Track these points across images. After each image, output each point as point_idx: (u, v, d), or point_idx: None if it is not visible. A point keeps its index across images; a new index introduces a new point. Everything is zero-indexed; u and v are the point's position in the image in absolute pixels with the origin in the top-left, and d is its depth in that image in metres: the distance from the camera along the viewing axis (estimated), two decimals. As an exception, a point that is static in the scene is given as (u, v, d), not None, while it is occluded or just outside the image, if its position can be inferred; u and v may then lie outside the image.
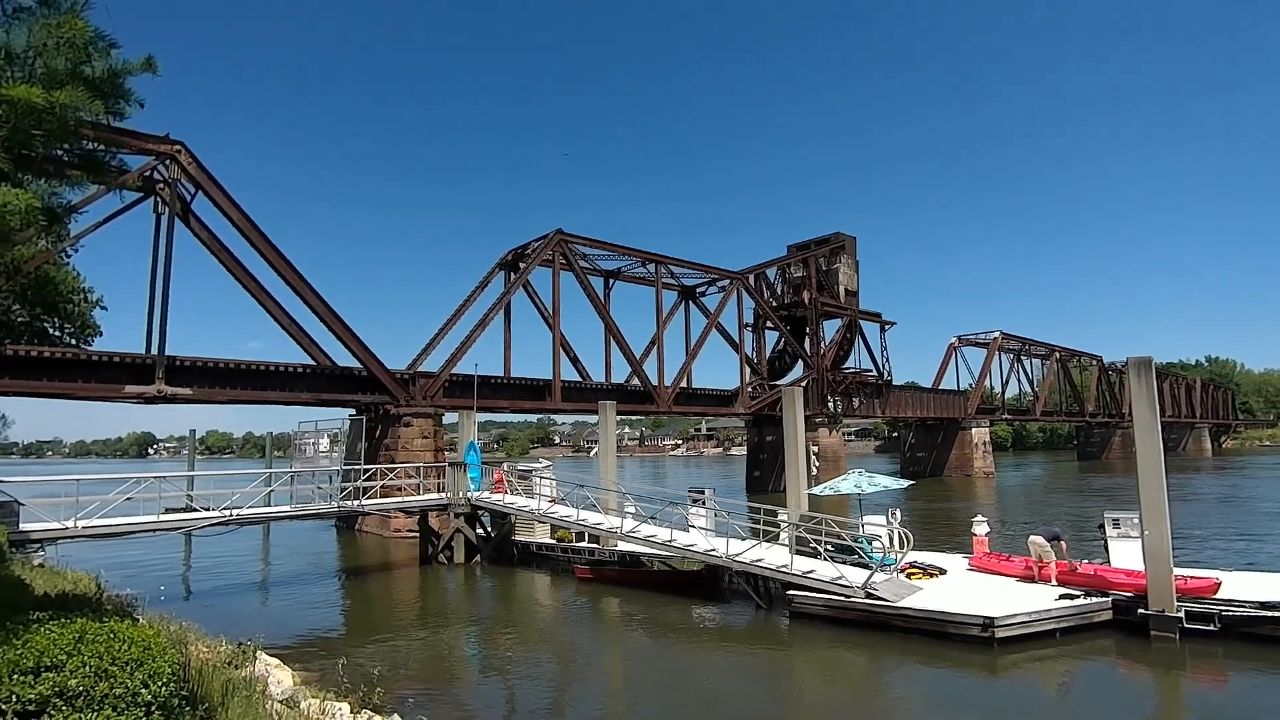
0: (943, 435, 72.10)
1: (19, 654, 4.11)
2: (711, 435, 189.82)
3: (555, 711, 11.91)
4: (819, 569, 16.27)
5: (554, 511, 23.21)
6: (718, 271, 54.17)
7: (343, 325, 34.15)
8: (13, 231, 4.88)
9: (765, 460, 56.72)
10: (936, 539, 25.70)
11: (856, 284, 63.17)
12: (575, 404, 45.05)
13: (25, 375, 27.78)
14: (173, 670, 4.41)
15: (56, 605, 5.80)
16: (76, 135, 6.01)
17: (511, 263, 44.91)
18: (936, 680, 12.47)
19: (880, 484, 18.77)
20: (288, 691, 8.21)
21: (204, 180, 30.98)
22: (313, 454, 37.77)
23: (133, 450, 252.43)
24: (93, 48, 5.55)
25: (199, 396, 31.44)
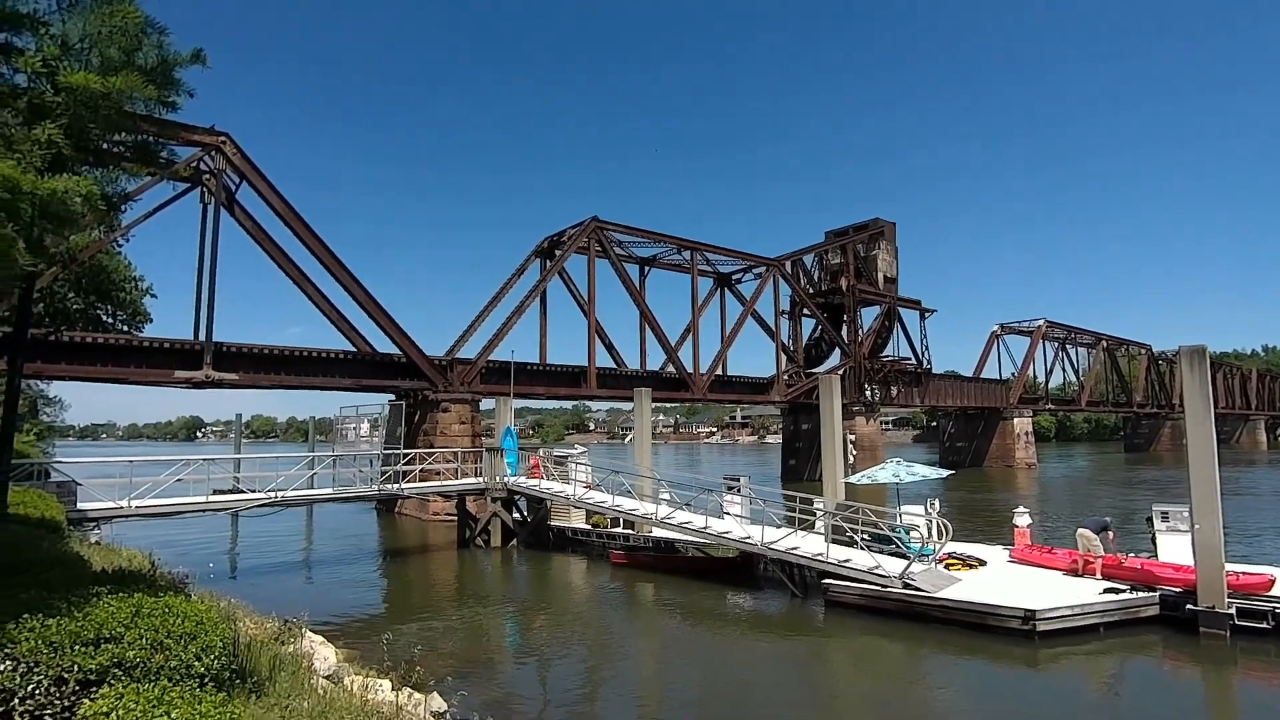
0: (983, 425, 70.79)
1: (80, 626, 4.29)
2: (746, 423, 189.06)
3: (590, 695, 12.04)
4: (855, 558, 16.14)
5: (589, 497, 23.37)
6: (754, 258, 53.74)
7: (382, 312, 34.69)
8: (75, 216, 5.03)
9: (801, 449, 56.32)
10: (976, 530, 25.30)
11: (896, 271, 62.15)
12: (610, 390, 45.20)
13: (81, 360, 28.82)
14: (224, 644, 4.56)
15: (113, 581, 6.03)
16: (130, 125, 6.17)
17: (547, 250, 45.09)
18: (975, 672, 12.30)
19: (919, 473, 18.52)
20: (331, 668, 8.43)
21: (248, 170, 31.64)
22: (354, 438, 38.66)
23: (182, 433, 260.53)
24: (144, 35, 5.69)
25: (244, 381, 32.28)
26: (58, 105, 5.48)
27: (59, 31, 5.60)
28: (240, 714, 3.63)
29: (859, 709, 11.13)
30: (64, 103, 5.44)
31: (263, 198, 32.23)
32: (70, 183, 4.89)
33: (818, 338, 60.90)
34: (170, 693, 3.65)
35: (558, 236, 44.94)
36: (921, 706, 11.04)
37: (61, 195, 4.95)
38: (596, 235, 44.05)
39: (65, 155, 5.23)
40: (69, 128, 5.23)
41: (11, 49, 5.76)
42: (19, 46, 5.75)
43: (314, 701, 6.15)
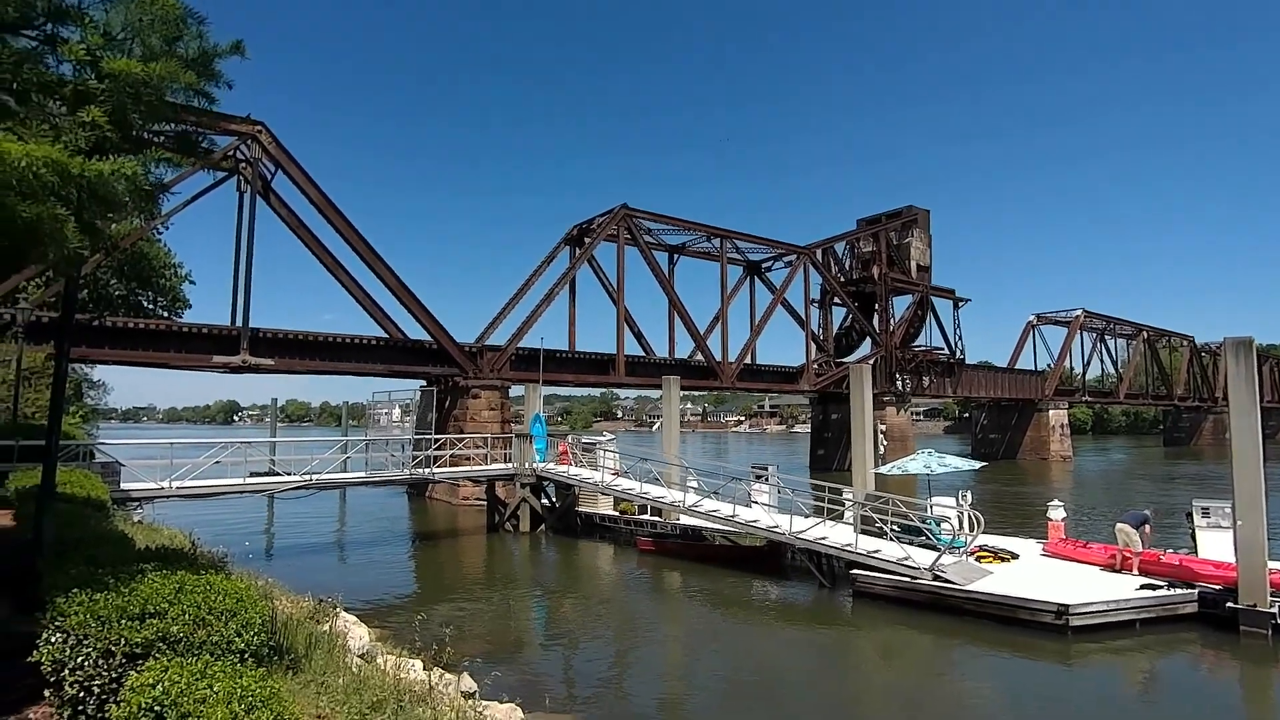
0: (1017, 417, 69.57)
1: (126, 601, 4.44)
2: (775, 412, 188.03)
3: (616, 679, 12.14)
4: (885, 549, 16.01)
5: (617, 484, 23.47)
6: (784, 246, 53.25)
7: (414, 299, 35.07)
8: (119, 200, 5.15)
9: (830, 438, 55.91)
10: (1009, 523, 24.93)
11: (929, 259, 61.16)
12: (638, 379, 45.27)
13: (123, 345, 29.60)
14: (263, 622, 4.68)
15: (157, 558, 6.20)
16: (171, 114, 6.29)
17: (577, 238, 45.15)
18: (1005, 666, 12.17)
19: (950, 465, 18.28)
20: (365, 647, 8.61)
21: (283, 159, 32.10)
22: (386, 423, 39.20)
23: (219, 417, 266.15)
24: (184, 25, 5.79)
25: (280, 367, 32.90)
26: (101, 92, 5.59)
27: (102, 21, 5.72)
28: (279, 689, 3.72)
29: (887, 699, 11.09)
30: (107, 89, 5.55)
31: (297, 186, 32.70)
32: (115, 164, 5.00)
33: (848, 327, 60.25)
34: (212, 667, 3.76)
35: (587, 224, 44.95)
36: (951, 698, 10.96)
37: (107, 177, 5.05)
38: (626, 223, 43.98)
39: (109, 140, 5.34)
40: (111, 113, 5.35)
41: (57, 39, 5.88)
42: (64, 37, 5.87)
43: (349, 679, 6.29)
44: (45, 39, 5.87)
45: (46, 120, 5.37)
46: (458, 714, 6.29)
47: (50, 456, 7.08)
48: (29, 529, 7.53)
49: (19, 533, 9.69)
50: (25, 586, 6.44)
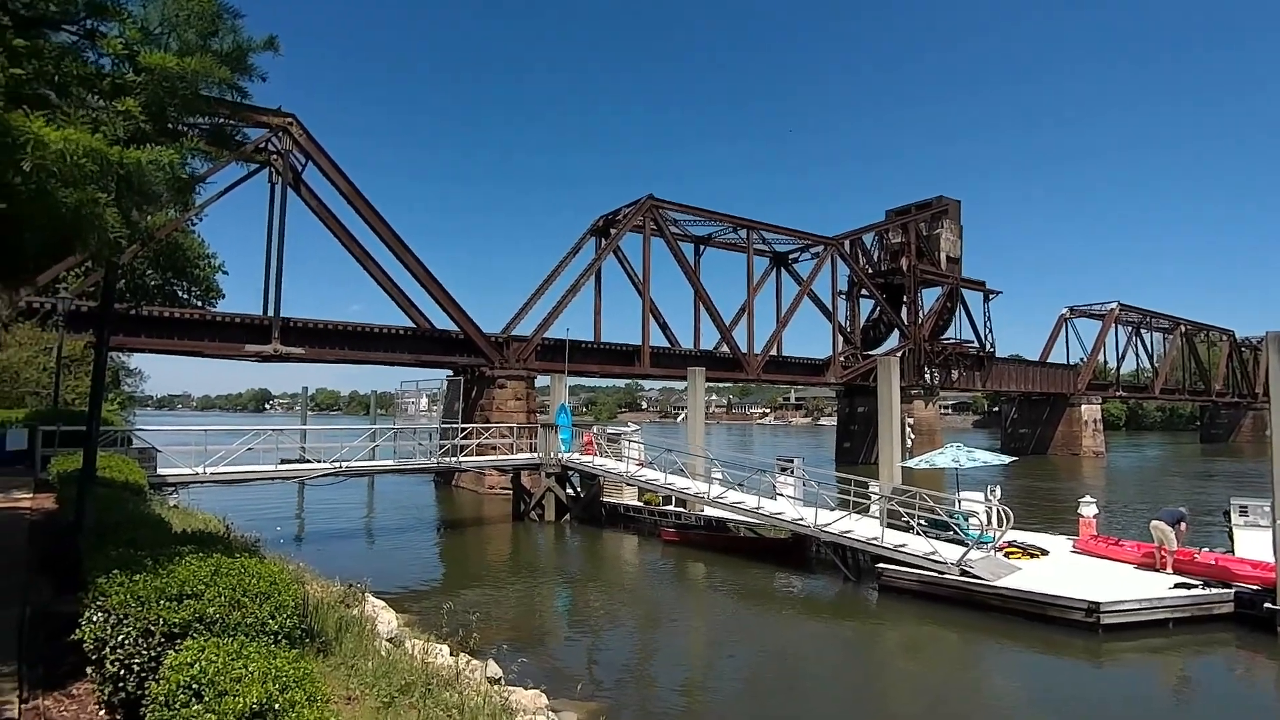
0: (1049, 411, 68.41)
1: (164, 582, 4.57)
2: (800, 405, 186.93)
3: (639, 668, 12.21)
4: (911, 543, 15.88)
5: (642, 475, 23.53)
6: (811, 237, 52.79)
7: (441, 290, 35.38)
8: (156, 190, 5.26)
9: (856, 431, 55.46)
10: (1038, 519, 24.58)
11: (959, 251, 60.21)
12: (664, 369, 45.26)
13: (159, 334, 30.26)
14: (295, 604, 4.79)
15: (193, 541, 6.36)
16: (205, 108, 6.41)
17: (603, 229, 45.15)
18: (1034, 663, 12.03)
19: (980, 459, 18.06)
20: (393, 631, 8.77)
21: (313, 151, 32.50)
22: (413, 412, 39.65)
23: (251, 405, 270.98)
24: (219, 20, 5.89)
25: (310, 356, 33.42)
26: (137, 85, 5.70)
27: (140, 16, 5.83)
28: (312, 669, 3.81)
29: (912, 694, 11.02)
30: (143, 83, 5.66)
31: (327, 177, 33.09)
32: (153, 154, 5.11)
33: (876, 319, 59.62)
34: (248, 647, 3.85)
35: (613, 215, 44.93)
36: (978, 694, 10.87)
37: (144, 166, 5.16)
38: (652, 214, 43.89)
39: (144, 131, 5.45)
40: (147, 106, 5.46)
41: (96, 34, 6.00)
42: (103, 31, 5.99)
43: (377, 662, 6.41)
44: (85, 34, 6.00)
45: (85, 112, 5.48)
46: (484, 699, 6.37)
47: (90, 442, 7.28)
48: (71, 511, 7.76)
49: (61, 515, 9.99)
50: (68, 567, 6.64)
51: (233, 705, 3.19)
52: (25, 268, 6.27)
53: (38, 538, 9.33)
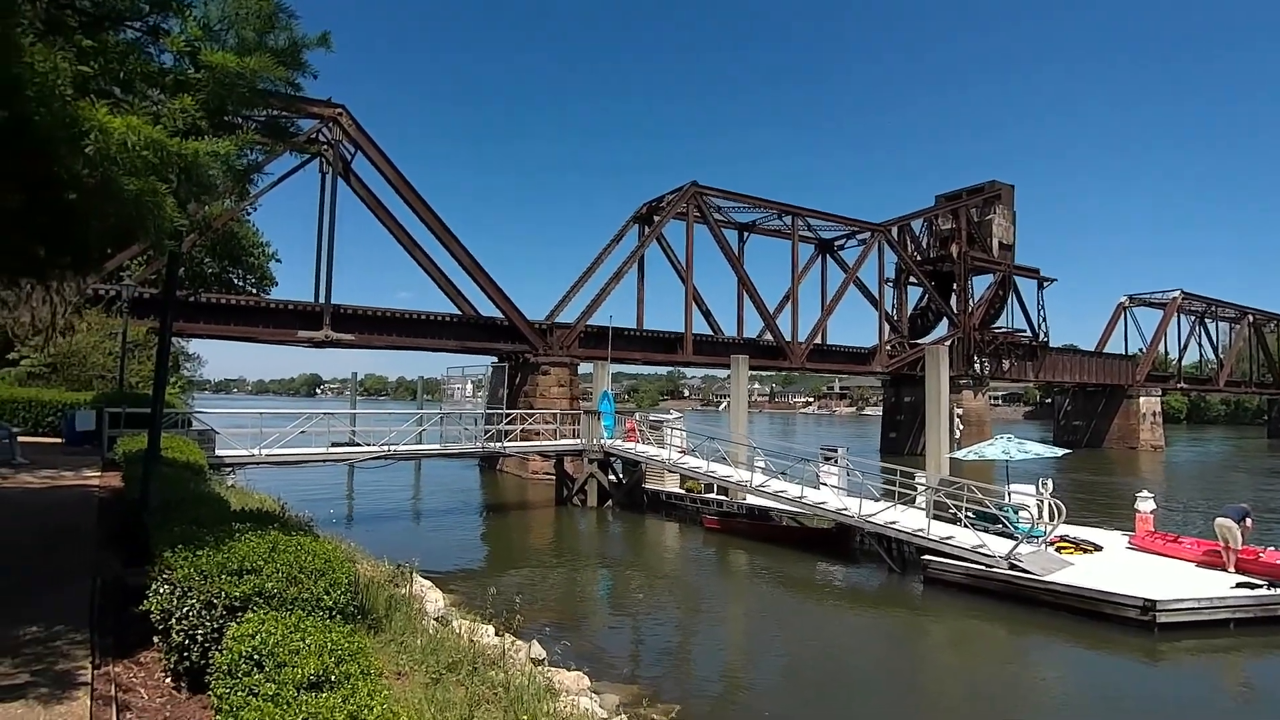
0: (1104, 403, 66.23)
1: (226, 558, 4.77)
2: (845, 394, 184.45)
3: (680, 654, 12.29)
4: (958, 535, 15.61)
5: (684, 462, 23.55)
6: (858, 224, 51.88)
7: (487, 277, 35.82)
8: (213, 181, 5.44)
9: (903, 421, 54.54)
10: (1092, 514, 23.92)
11: (1012, 237, 58.48)
12: (706, 357, 45.14)
13: (216, 320, 31.30)
14: (348, 582, 4.96)
15: (251, 519, 6.61)
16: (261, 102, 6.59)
17: (646, 216, 45.09)
18: (1085, 660, 11.74)
19: (1031, 451, 17.61)
20: (440, 611, 8.98)
21: (363, 141, 33.10)
22: (459, 398, 40.26)
23: (302, 390, 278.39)
24: (276, 18, 6.05)
25: (360, 342, 34.23)
26: (198, 82, 5.88)
27: (201, 14, 6.01)
28: (365, 644, 3.94)
29: (958, 687, 10.87)
30: (203, 79, 5.84)
31: (376, 167, 33.70)
32: (210, 145, 5.28)
33: (924, 307, 58.39)
34: (305, 621, 4.00)
35: (656, 202, 44.81)
36: (1026, 690, 10.67)
37: (202, 157, 5.33)
38: (695, 200, 43.65)
39: (201, 126, 5.64)
40: (206, 102, 5.64)
41: (159, 30, 6.19)
42: (166, 29, 6.18)
43: (425, 640, 6.59)
44: (149, 30, 6.21)
45: (148, 106, 5.68)
46: (528, 679, 6.50)
47: (155, 423, 7.60)
48: (136, 489, 8.11)
49: (127, 493, 10.45)
50: (135, 542, 6.96)
51: (292, 675, 3.32)
52: (92, 256, 6.53)
53: (106, 514, 9.79)
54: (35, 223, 5.31)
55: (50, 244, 5.89)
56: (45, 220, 5.27)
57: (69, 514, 9.94)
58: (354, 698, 3.11)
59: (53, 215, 5.23)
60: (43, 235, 5.63)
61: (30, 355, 23.57)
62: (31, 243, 5.81)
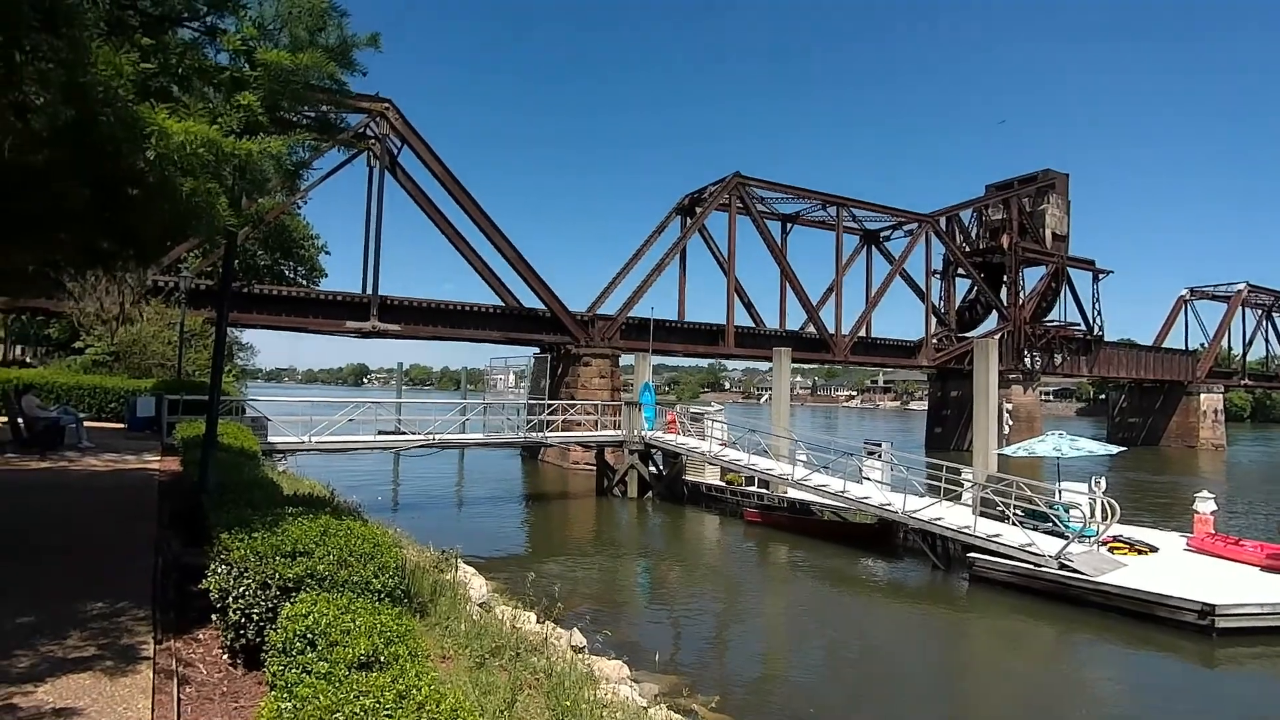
0: (1162, 400, 63.95)
1: (279, 540, 4.93)
2: (889, 388, 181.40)
3: (719, 646, 12.31)
4: (1006, 533, 15.28)
5: (725, 454, 23.49)
6: (905, 214, 50.87)
7: (530, 269, 36.14)
8: (266, 178, 5.61)
9: (949, 416, 53.48)
10: (1148, 514, 23.16)
11: (1066, 227, 56.68)
12: (748, 350, 44.89)
13: (268, 310, 32.22)
14: (396, 566, 5.08)
15: (302, 504, 6.83)
16: (312, 99, 6.76)
17: (688, 207, 44.92)
18: (1138, 665, 11.42)
19: (1084, 449, 17.13)
20: (483, 597, 9.14)
21: (409, 135, 33.63)
22: (502, 388, 40.78)
23: (350, 379, 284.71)
24: (327, 17, 6.20)
25: (406, 332, 34.88)
26: (254, 80, 6.05)
27: (256, 14, 6.18)
28: (413, 627, 4.04)
29: (1005, 687, 10.67)
30: (259, 77, 6.01)
31: (421, 160, 34.21)
32: (263, 144, 5.43)
33: (973, 299, 57.02)
34: (355, 603, 4.12)
35: (699, 193, 44.60)
36: (1077, 693, 10.40)
37: (256, 157, 5.49)
38: (738, 191, 43.32)
39: (258, 123, 5.81)
40: (262, 99, 5.81)
41: (217, 29, 6.38)
42: (222, 28, 6.37)
43: (469, 625, 6.72)
44: (206, 30, 6.40)
45: (205, 105, 5.87)
46: (569, 666, 6.58)
47: (212, 410, 7.87)
48: (194, 473, 8.42)
49: (186, 476, 10.86)
50: (193, 523, 7.24)
51: (343, 655, 3.42)
52: (152, 249, 6.78)
53: (166, 496, 10.19)
54: (101, 217, 5.53)
55: (115, 237, 6.13)
56: (110, 215, 5.49)
57: (132, 496, 10.38)
58: (402, 678, 3.19)
59: (117, 210, 5.45)
60: (108, 229, 5.87)
61: (95, 344, 24.62)
62: (98, 236, 6.06)
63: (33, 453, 13.57)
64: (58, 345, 32.06)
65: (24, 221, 5.40)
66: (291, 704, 2.97)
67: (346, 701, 2.92)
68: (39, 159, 4.80)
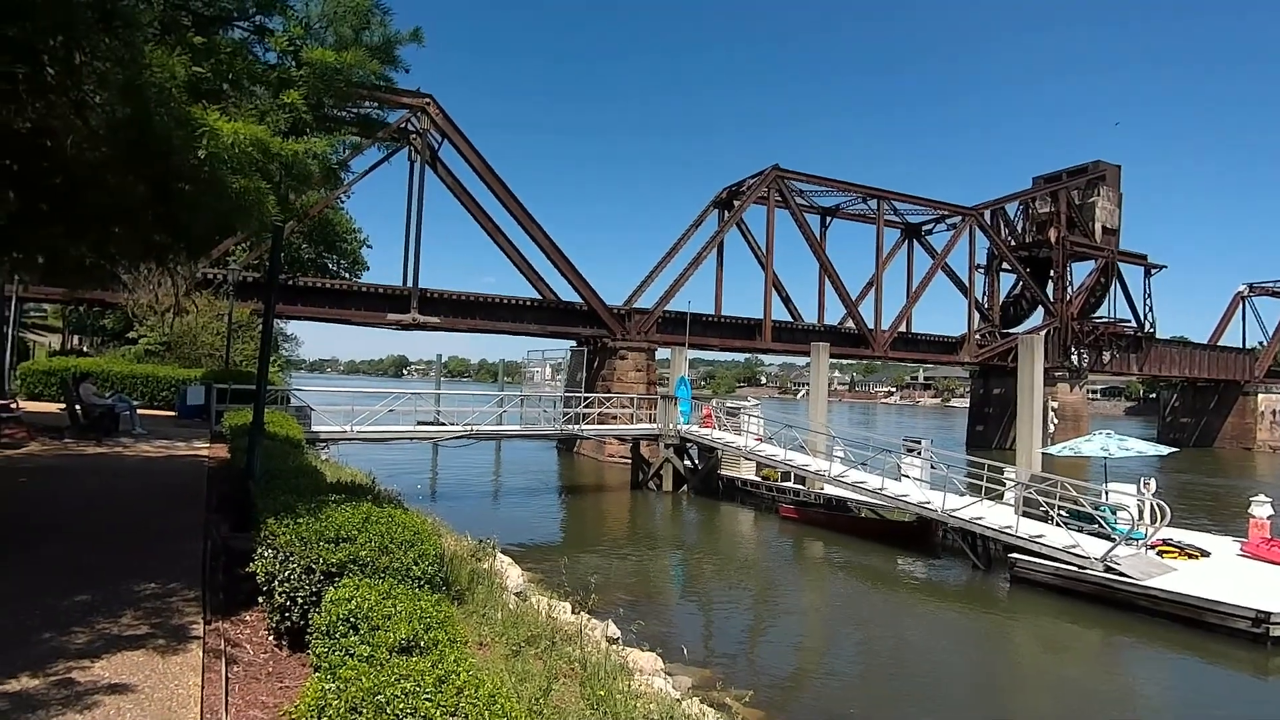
0: (1217, 400, 61.77)
1: (323, 526, 5.07)
2: (929, 384, 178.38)
3: (752, 640, 12.27)
4: (1049, 534, 14.93)
5: (761, 449, 23.37)
6: (948, 207, 49.84)
7: (568, 263, 36.34)
8: (311, 175, 5.74)
9: (991, 414, 52.40)
10: (1200, 518, 22.42)
11: (1117, 221, 54.96)
12: (785, 344, 44.54)
13: (312, 302, 32.92)
14: (435, 554, 5.19)
15: (345, 491, 6.98)
16: (356, 96, 6.90)
17: (726, 201, 44.67)
18: (1187, 673, 11.09)
19: (1132, 449, 16.65)
20: (519, 587, 9.25)
21: (449, 129, 34.01)
22: (538, 381, 41.13)
23: (390, 371, 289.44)
24: (371, 15, 6.32)
25: (445, 325, 35.36)
26: (300, 79, 6.19)
27: (302, 13, 6.32)
28: (452, 613, 4.12)
29: (1048, 692, 10.44)
30: (304, 76, 6.15)
31: (462, 155, 34.58)
32: (308, 144, 5.57)
33: (1018, 295, 55.68)
34: (396, 589, 4.22)
35: (737, 186, 44.31)
36: (1122, 700, 10.15)
37: (302, 156, 5.63)
38: (777, 184, 42.93)
39: (304, 122, 5.94)
40: (307, 98, 5.94)
41: (265, 30, 6.54)
42: (270, 28, 6.52)
43: (506, 614, 6.81)
44: (254, 29, 6.57)
45: (253, 104, 6.02)
46: (604, 656, 6.64)
47: (259, 399, 8.09)
48: (242, 460, 8.67)
49: (234, 463, 11.19)
50: (241, 508, 7.46)
51: (384, 639, 3.52)
52: (202, 244, 6.99)
53: (215, 482, 10.52)
54: (155, 212, 5.72)
55: (167, 232, 6.34)
56: (164, 210, 5.67)
57: (182, 481, 10.74)
58: (442, 663, 3.26)
59: (170, 206, 5.63)
60: (161, 224, 6.06)
61: (147, 334, 25.46)
62: (151, 230, 6.27)
63: (89, 438, 14.13)
64: (112, 335, 33.21)
65: (84, 216, 5.61)
66: (335, 685, 3.06)
67: (388, 684, 2.99)
68: (97, 156, 4.98)
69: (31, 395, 20.59)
